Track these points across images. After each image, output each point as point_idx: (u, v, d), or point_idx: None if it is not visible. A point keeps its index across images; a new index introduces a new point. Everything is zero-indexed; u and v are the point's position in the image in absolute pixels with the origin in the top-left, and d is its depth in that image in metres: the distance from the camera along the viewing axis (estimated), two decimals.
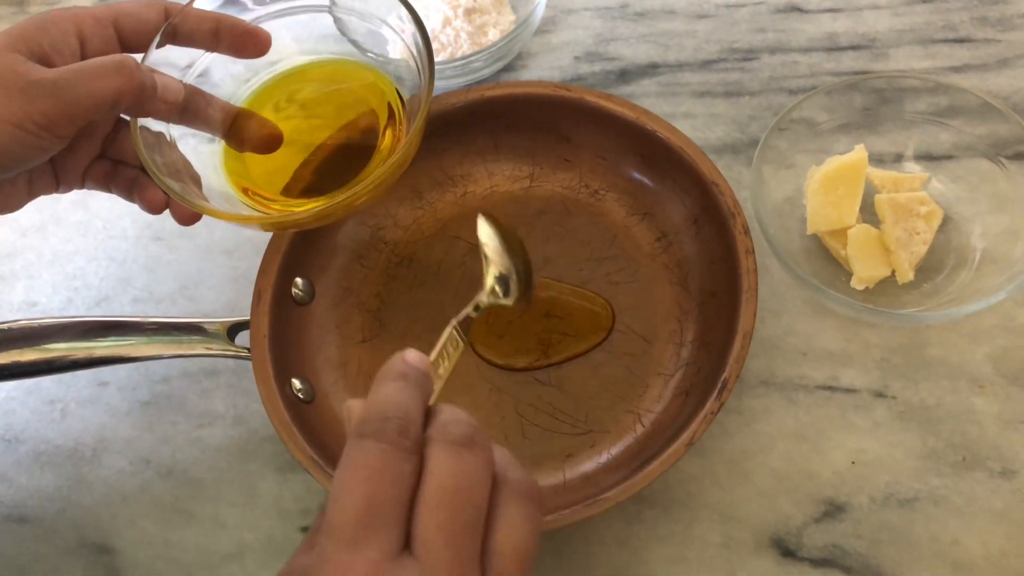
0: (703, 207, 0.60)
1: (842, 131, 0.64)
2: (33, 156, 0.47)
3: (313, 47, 0.60)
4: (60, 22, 0.48)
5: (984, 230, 0.60)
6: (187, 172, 0.54)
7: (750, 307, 0.53)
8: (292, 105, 0.58)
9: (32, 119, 0.45)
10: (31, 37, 0.47)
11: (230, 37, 0.53)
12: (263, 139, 0.57)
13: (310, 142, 0.58)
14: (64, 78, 0.46)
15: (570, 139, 0.66)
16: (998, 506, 0.52)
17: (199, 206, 0.50)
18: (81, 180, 0.55)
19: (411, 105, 0.56)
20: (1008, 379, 0.56)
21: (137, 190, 0.55)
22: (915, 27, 0.73)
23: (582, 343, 0.60)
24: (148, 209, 0.55)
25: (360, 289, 0.64)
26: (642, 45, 0.76)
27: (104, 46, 0.50)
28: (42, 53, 0.47)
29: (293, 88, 0.59)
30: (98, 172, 0.55)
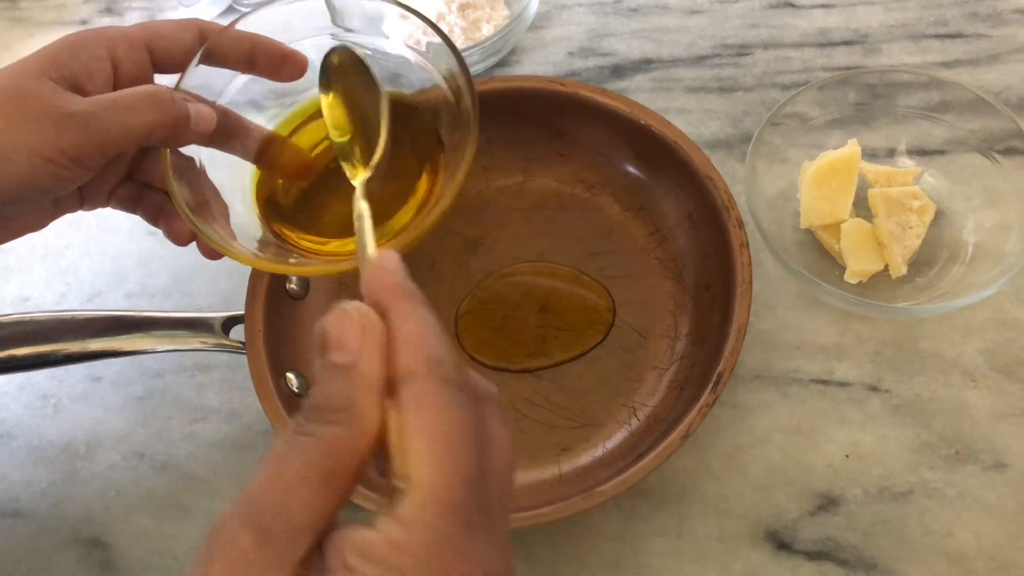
0: (697, 201, 0.60)
1: (835, 126, 0.64)
2: (60, 187, 0.46)
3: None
4: (93, 46, 0.47)
5: (976, 224, 0.60)
6: (215, 203, 0.51)
7: (744, 301, 0.53)
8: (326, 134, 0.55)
9: (63, 152, 0.44)
10: (63, 62, 0.46)
11: (266, 59, 0.51)
12: (294, 168, 0.55)
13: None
14: (96, 111, 0.44)
15: (564, 134, 0.66)
16: (991, 499, 0.53)
17: (223, 248, 0.48)
18: (106, 200, 0.54)
19: (451, 146, 0.51)
20: (1000, 372, 0.56)
21: (163, 218, 0.54)
22: (907, 22, 0.73)
23: (581, 340, 0.60)
24: (173, 240, 0.54)
25: (355, 283, 0.63)
26: (636, 40, 0.76)
27: (137, 70, 0.49)
28: (74, 79, 0.46)
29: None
30: (124, 194, 0.54)
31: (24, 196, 0.45)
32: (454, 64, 0.49)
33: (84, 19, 0.88)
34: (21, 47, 0.87)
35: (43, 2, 0.90)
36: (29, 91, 0.44)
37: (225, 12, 0.85)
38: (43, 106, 0.44)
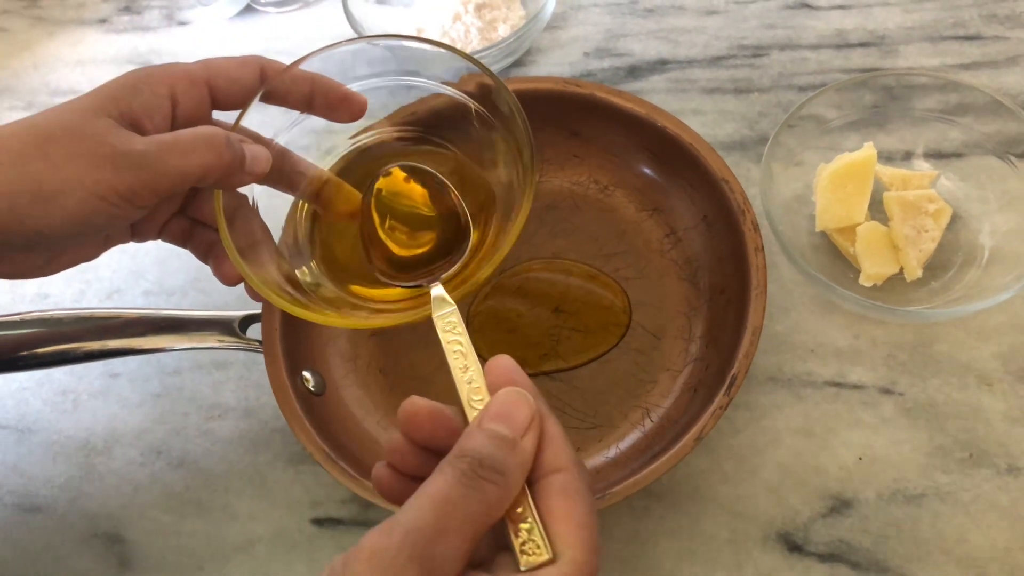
0: (713, 204, 0.60)
1: (851, 128, 0.64)
2: (112, 224, 0.47)
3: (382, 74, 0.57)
4: (153, 83, 0.47)
5: (993, 228, 0.60)
6: (266, 243, 0.52)
7: (759, 304, 0.53)
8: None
9: (117, 191, 0.44)
10: (122, 99, 0.46)
11: (325, 99, 0.52)
12: (348, 210, 0.54)
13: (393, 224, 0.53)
14: (152, 152, 0.45)
15: (579, 134, 0.67)
16: (1004, 503, 0.52)
17: (269, 296, 0.48)
18: (157, 234, 0.54)
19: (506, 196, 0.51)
20: (1016, 377, 0.56)
21: (213, 257, 0.54)
22: (925, 24, 0.73)
23: (595, 342, 0.60)
24: (222, 280, 0.54)
25: None
26: (652, 41, 0.77)
27: (196, 108, 0.49)
28: (132, 116, 0.47)
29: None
30: (176, 229, 0.54)
31: (77, 231, 0.45)
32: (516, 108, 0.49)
33: (103, 17, 0.89)
34: (41, 46, 0.87)
35: (63, 1, 0.91)
36: (87, 128, 0.45)
37: (243, 12, 0.85)
38: (100, 144, 0.44)
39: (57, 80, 0.85)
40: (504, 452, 0.35)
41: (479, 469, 0.34)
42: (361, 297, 0.52)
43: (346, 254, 0.54)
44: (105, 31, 0.88)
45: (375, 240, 0.51)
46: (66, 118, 0.45)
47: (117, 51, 0.86)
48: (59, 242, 0.48)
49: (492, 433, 0.36)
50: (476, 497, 0.34)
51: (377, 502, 0.52)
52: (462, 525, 0.33)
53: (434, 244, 0.51)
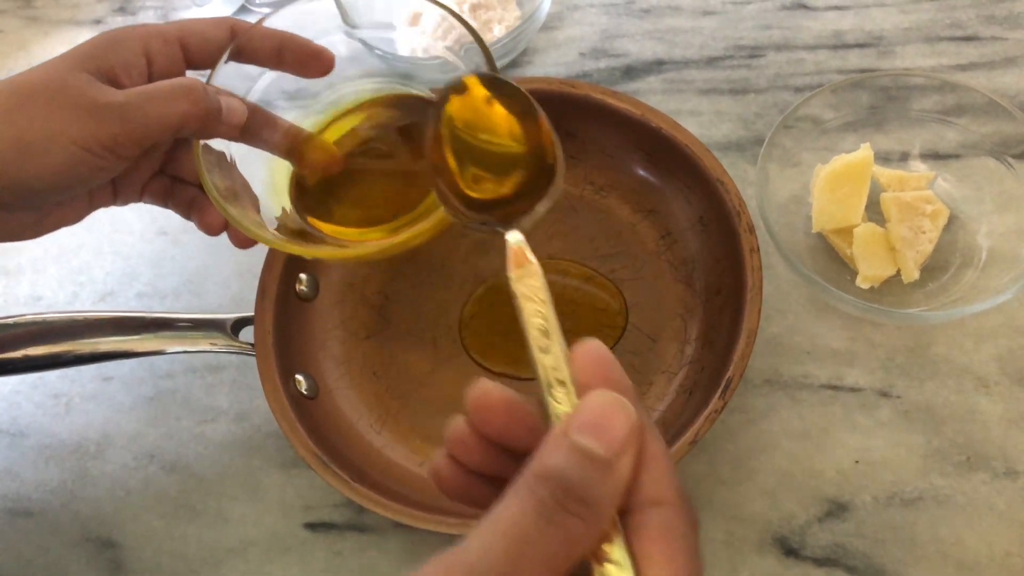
0: (708, 205, 0.59)
1: (848, 129, 0.64)
2: (97, 176, 0.48)
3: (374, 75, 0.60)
4: (128, 41, 0.49)
5: (990, 229, 0.59)
6: (246, 194, 0.52)
7: (755, 306, 0.53)
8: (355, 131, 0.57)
9: (100, 141, 0.45)
10: (100, 56, 0.47)
11: (294, 56, 0.53)
12: (322, 162, 0.56)
13: (369, 169, 0.57)
14: (132, 102, 0.46)
15: (575, 136, 0.66)
16: (1002, 506, 0.52)
17: (258, 235, 0.49)
18: (139, 194, 0.55)
19: None
20: (1013, 379, 0.56)
21: (195, 210, 0.55)
22: (921, 25, 0.72)
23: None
24: (206, 231, 0.55)
25: (364, 285, 0.64)
26: (648, 42, 0.76)
27: (171, 65, 0.50)
28: (110, 72, 0.48)
29: (355, 117, 0.58)
30: (157, 188, 0.55)
31: (62, 185, 0.47)
32: (483, 62, 0.49)
33: (98, 18, 0.88)
34: (36, 46, 0.87)
35: (58, 1, 0.91)
36: (66, 83, 0.46)
37: (238, 12, 0.85)
38: (80, 97, 0.45)
39: None
40: (596, 477, 0.29)
41: (564, 499, 0.28)
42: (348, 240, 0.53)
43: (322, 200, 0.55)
44: (100, 31, 0.87)
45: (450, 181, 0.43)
46: (45, 75, 0.46)
47: None
48: (45, 197, 0.48)
49: (582, 450, 0.29)
50: (558, 534, 0.28)
51: (369, 506, 0.51)
52: (538, 567, 0.28)
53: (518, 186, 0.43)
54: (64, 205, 0.52)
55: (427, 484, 0.56)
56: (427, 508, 0.51)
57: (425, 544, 0.56)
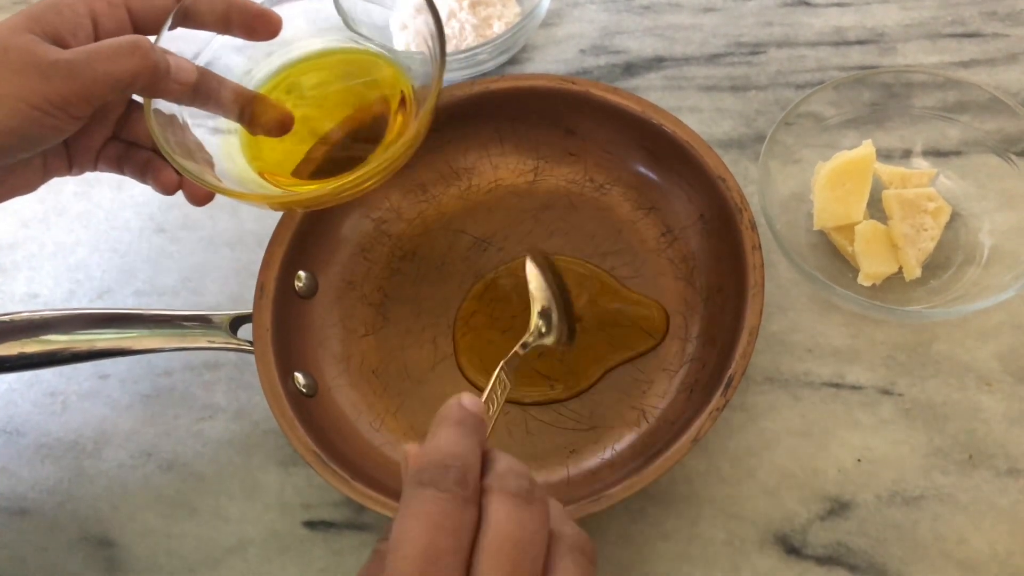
0: (710, 202, 0.59)
1: (850, 126, 0.64)
2: (49, 136, 0.48)
3: (325, 34, 0.60)
4: (74, 4, 0.49)
5: (992, 227, 0.59)
6: (200, 153, 0.54)
7: (756, 303, 0.53)
8: (305, 91, 0.59)
9: (49, 100, 0.45)
10: (46, 19, 0.47)
11: (241, 19, 0.53)
12: (274, 122, 0.56)
13: (322, 127, 0.58)
14: (80, 59, 0.46)
15: (575, 132, 0.66)
16: (1004, 505, 0.52)
17: (212, 185, 0.50)
18: (94, 162, 0.56)
19: (421, 92, 0.56)
20: (1015, 377, 0.56)
21: (151, 171, 0.55)
22: (923, 21, 0.72)
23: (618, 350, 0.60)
24: (162, 190, 0.56)
25: (363, 283, 0.64)
26: (648, 38, 0.76)
27: (117, 28, 0.50)
28: (57, 34, 0.47)
29: (307, 74, 0.60)
30: (111, 153, 0.56)
31: (13, 146, 0.47)
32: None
33: None
34: None
35: None
36: (12, 44, 0.46)
37: None
38: (27, 56, 0.45)
39: None
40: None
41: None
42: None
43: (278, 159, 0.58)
44: None
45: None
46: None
47: None
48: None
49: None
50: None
51: (369, 505, 0.51)
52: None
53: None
54: (17, 173, 0.52)
55: None
56: None
57: None
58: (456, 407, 0.38)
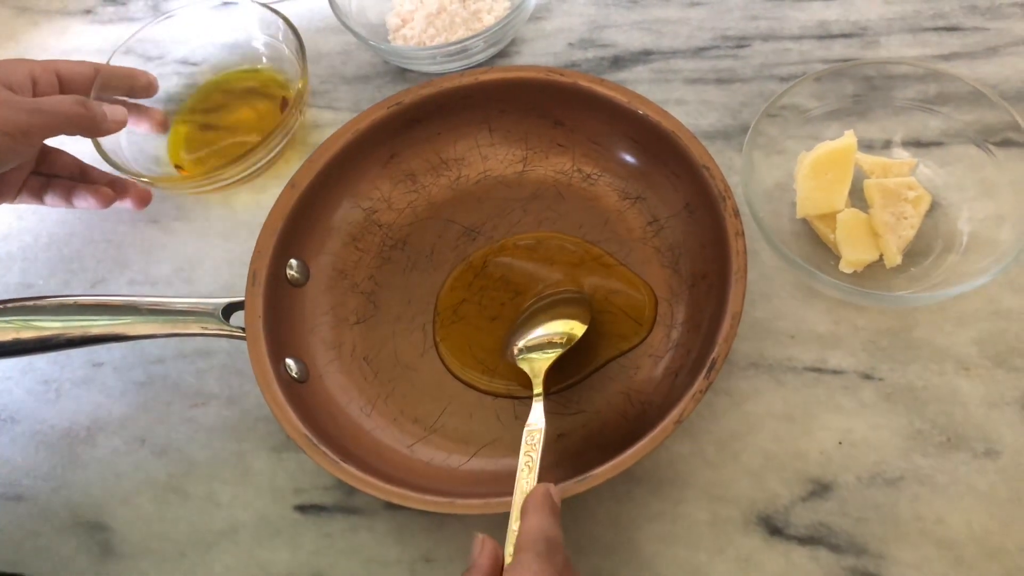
0: (694, 191, 0.60)
1: (832, 117, 0.65)
2: (8, 159, 0.61)
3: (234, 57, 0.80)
4: (17, 66, 0.63)
5: (971, 215, 0.60)
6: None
7: (739, 288, 0.53)
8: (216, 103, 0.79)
9: (18, 127, 0.59)
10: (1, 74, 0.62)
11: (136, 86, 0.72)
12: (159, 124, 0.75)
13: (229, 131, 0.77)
14: (41, 102, 0.60)
15: (563, 123, 0.67)
16: (982, 485, 0.53)
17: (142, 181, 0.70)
18: (15, 194, 0.67)
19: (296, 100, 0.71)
20: (993, 361, 0.57)
21: (78, 195, 0.68)
22: (905, 15, 0.73)
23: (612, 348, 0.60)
24: (99, 206, 0.69)
25: (354, 271, 0.65)
26: (635, 32, 0.77)
27: (50, 88, 0.65)
28: (10, 86, 0.61)
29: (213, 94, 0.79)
30: (34, 185, 0.68)
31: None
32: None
33: (89, 8, 0.88)
34: (27, 36, 0.87)
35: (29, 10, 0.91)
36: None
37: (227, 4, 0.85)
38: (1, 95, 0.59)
39: None
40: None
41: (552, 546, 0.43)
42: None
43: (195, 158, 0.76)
44: (90, 21, 0.88)
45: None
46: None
47: (102, 41, 0.86)
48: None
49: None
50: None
51: (359, 486, 0.52)
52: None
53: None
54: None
55: (416, 465, 0.57)
56: (416, 488, 0.52)
57: (415, 524, 0.57)
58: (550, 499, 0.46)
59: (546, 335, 0.58)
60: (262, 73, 0.79)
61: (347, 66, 0.80)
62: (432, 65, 0.75)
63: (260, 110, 0.77)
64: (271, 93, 0.78)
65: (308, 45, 0.77)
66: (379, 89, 0.78)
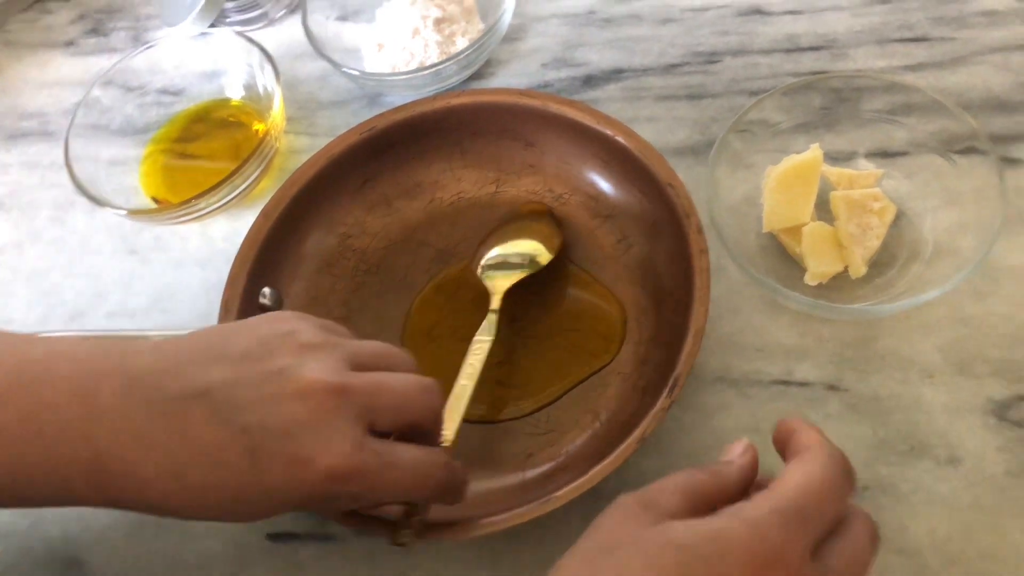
0: (661, 208, 0.61)
1: (800, 130, 0.65)
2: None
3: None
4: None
5: (935, 224, 0.61)
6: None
7: (702, 306, 0.54)
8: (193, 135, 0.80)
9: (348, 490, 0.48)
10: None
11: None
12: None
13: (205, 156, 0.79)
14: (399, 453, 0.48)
15: (534, 145, 0.68)
16: (943, 492, 0.53)
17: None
18: None
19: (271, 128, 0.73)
20: (955, 368, 0.57)
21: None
22: (873, 27, 0.74)
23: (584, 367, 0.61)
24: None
25: (328, 297, 0.66)
26: (608, 51, 0.78)
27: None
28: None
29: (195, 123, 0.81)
30: None
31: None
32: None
33: (71, 40, 0.90)
34: (9, 70, 0.89)
35: (31, 24, 0.92)
36: None
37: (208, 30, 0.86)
38: None
39: (24, 103, 0.86)
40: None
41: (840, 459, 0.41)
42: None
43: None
44: (72, 53, 0.89)
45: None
46: None
47: (84, 73, 0.87)
48: None
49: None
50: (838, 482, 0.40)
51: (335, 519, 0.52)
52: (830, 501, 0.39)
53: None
54: None
55: None
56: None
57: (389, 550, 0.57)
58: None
59: (509, 254, 0.62)
60: (240, 102, 0.81)
61: (324, 91, 0.81)
62: (407, 89, 0.76)
63: (237, 139, 0.79)
64: (248, 121, 0.79)
65: (286, 71, 0.78)
66: (355, 114, 0.79)
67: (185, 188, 0.74)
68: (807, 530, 0.36)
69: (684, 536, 0.35)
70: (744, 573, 0.34)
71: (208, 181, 0.70)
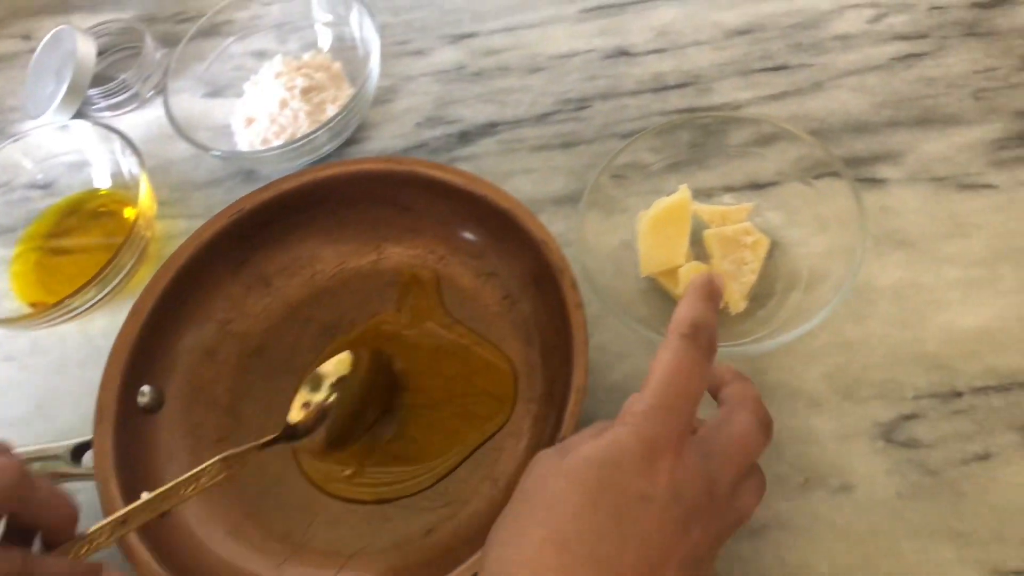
0: (537, 264, 0.60)
1: (671, 170, 0.65)
2: None
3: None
4: None
5: (808, 251, 0.61)
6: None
7: (581, 361, 0.53)
8: (69, 226, 0.79)
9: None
10: None
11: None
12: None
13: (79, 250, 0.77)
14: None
15: (411, 209, 0.67)
16: (839, 522, 0.53)
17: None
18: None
19: (140, 216, 0.72)
20: (841, 395, 0.58)
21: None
22: (735, 59, 0.75)
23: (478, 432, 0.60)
24: None
25: (211, 387, 0.64)
26: (480, 104, 0.78)
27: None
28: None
29: (67, 216, 0.79)
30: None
31: None
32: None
33: None
34: None
35: None
36: None
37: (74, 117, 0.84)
38: None
39: None
40: (709, 310, 0.46)
41: (694, 334, 0.44)
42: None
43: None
44: None
45: None
46: None
47: None
48: None
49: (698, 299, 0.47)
50: (696, 361, 0.44)
51: None
52: (690, 391, 0.44)
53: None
54: None
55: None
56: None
57: None
58: (709, 283, 0.47)
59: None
60: (108, 191, 0.79)
61: (197, 172, 0.79)
62: (281, 162, 0.75)
63: (111, 229, 0.77)
64: (120, 210, 0.78)
65: (159, 153, 0.77)
66: (231, 191, 0.77)
67: (62, 285, 0.71)
68: (678, 414, 0.43)
69: (591, 451, 0.42)
70: (640, 463, 0.41)
71: (86, 276, 0.68)
